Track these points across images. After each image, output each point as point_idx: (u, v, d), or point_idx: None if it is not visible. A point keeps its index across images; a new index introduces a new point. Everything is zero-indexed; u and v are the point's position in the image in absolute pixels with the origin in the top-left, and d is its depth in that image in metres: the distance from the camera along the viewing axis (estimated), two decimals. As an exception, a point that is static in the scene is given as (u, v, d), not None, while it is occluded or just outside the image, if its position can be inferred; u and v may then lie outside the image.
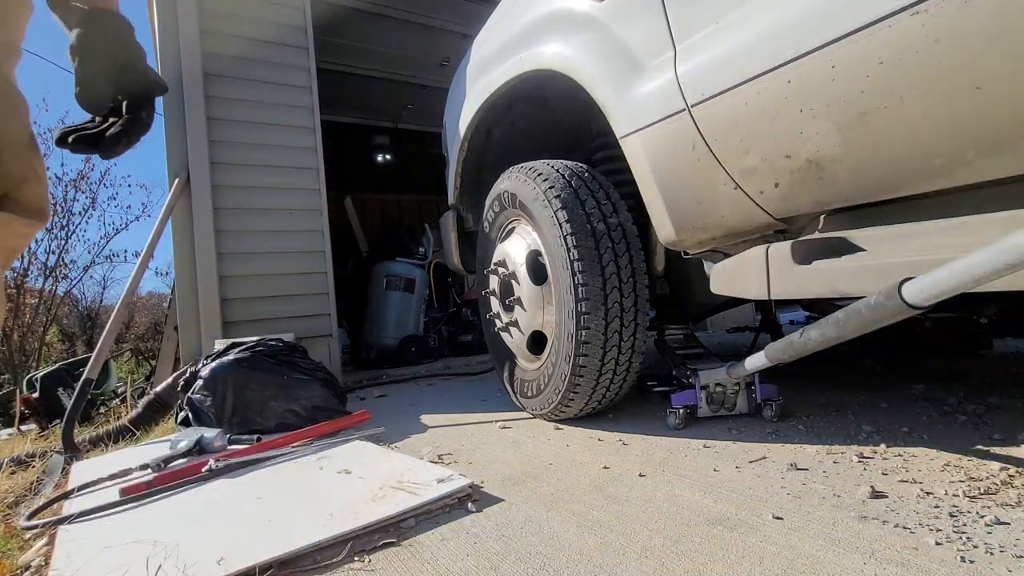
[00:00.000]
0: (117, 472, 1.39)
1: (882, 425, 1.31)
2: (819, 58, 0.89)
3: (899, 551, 0.73)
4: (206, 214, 2.62)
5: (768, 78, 0.97)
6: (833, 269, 0.98)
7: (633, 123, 1.28)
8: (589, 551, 0.81)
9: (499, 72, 1.78)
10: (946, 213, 0.90)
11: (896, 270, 0.87)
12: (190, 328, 2.60)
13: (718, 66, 1.06)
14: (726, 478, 1.06)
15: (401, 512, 0.96)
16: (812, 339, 1.01)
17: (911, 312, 0.80)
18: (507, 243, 1.76)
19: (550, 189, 1.49)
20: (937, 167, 0.87)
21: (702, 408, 1.48)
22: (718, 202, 1.17)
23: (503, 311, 1.78)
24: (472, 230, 2.28)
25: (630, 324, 1.45)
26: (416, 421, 1.83)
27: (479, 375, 2.88)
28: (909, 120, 0.84)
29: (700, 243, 1.29)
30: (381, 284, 3.93)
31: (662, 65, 1.19)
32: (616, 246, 1.44)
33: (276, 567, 0.82)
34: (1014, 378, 1.71)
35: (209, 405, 1.79)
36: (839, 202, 1.03)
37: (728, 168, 1.11)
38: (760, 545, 0.78)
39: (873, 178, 0.95)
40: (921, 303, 0.77)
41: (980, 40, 0.73)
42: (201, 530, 0.98)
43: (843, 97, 0.88)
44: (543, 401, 1.60)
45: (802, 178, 1.01)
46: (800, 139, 0.97)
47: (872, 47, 0.82)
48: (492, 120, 2.03)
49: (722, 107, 1.07)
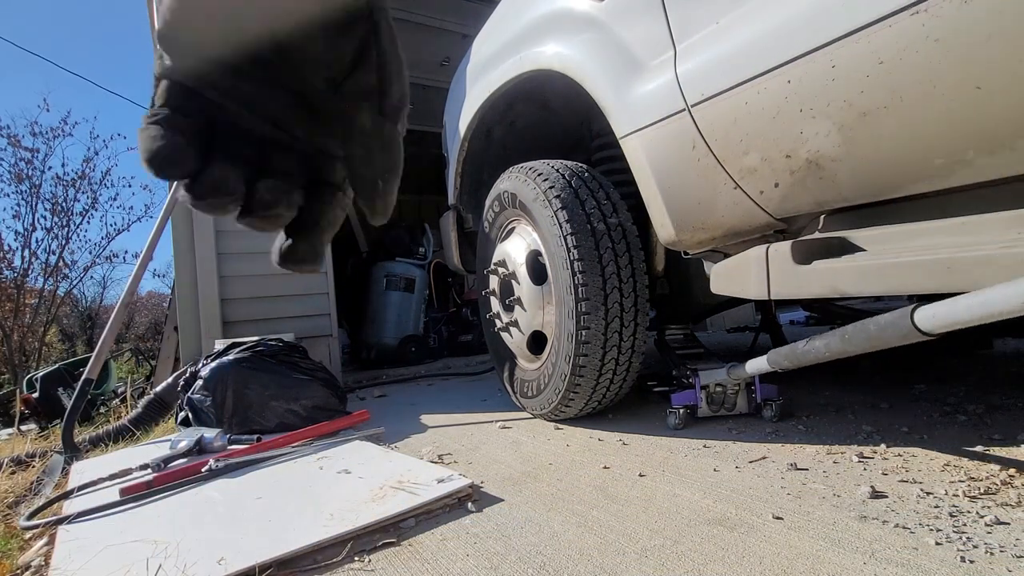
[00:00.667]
0: (117, 472, 1.39)
1: (882, 425, 1.31)
2: (819, 58, 0.89)
3: (899, 551, 0.73)
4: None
5: (768, 78, 0.97)
6: (833, 269, 0.98)
7: (633, 123, 1.28)
8: (589, 551, 0.81)
9: (499, 72, 1.78)
10: (946, 213, 0.90)
11: (896, 270, 0.88)
12: (190, 328, 2.60)
13: (718, 66, 1.06)
14: (726, 478, 1.06)
15: (401, 512, 0.96)
16: (816, 350, 1.01)
17: (920, 337, 0.80)
18: (507, 243, 1.76)
19: (550, 189, 1.49)
20: (937, 167, 0.87)
21: (702, 408, 1.48)
22: (718, 202, 1.17)
23: (503, 311, 1.78)
24: (472, 230, 2.28)
25: (630, 324, 1.45)
26: (416, 421, 1.83)
27: (479, 375, 2.88)
28: (909, 120, 0.84)
29: (700, 243, 1.30)
30: (381, 284, 3.93)
31: (662, 65, 1.19)
32: (616, 246, 1.44)
33: (276, 567, 0.82)
34: (1014, 378, 1.71)
35: (209, 405, 1.79)
36: (839, 202, 1.03)
37: (728, 168, 1.11)
38: (760, 545, 0.78)
39: (873, 178, 0.95)
40: (931, 330, 0.78)
41: (980, 40, 0.73)
42: (201, 530, 0.98)
43: (843, 97, 0.89)
44: (543, 401, 1.60)
45: (802, 178, 1.01)
46: (800, 139, 0.97)
47: (872, 47, 0.82)
48: (492, 120, 2.03)
49: (722, 107, 1.07)
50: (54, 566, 0.90)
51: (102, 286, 15.32)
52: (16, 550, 1.05)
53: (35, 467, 1.73)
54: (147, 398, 2.23)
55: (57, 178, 11.57)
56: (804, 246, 1.04)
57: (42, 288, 11.34)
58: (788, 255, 1.04)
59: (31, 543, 1.07)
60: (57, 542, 1.00)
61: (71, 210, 11.70)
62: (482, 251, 1.95)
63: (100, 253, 12.50)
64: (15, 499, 1.42)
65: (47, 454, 1.83)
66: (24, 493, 1.47)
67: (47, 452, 1.86)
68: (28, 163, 11.15)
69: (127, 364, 8.28)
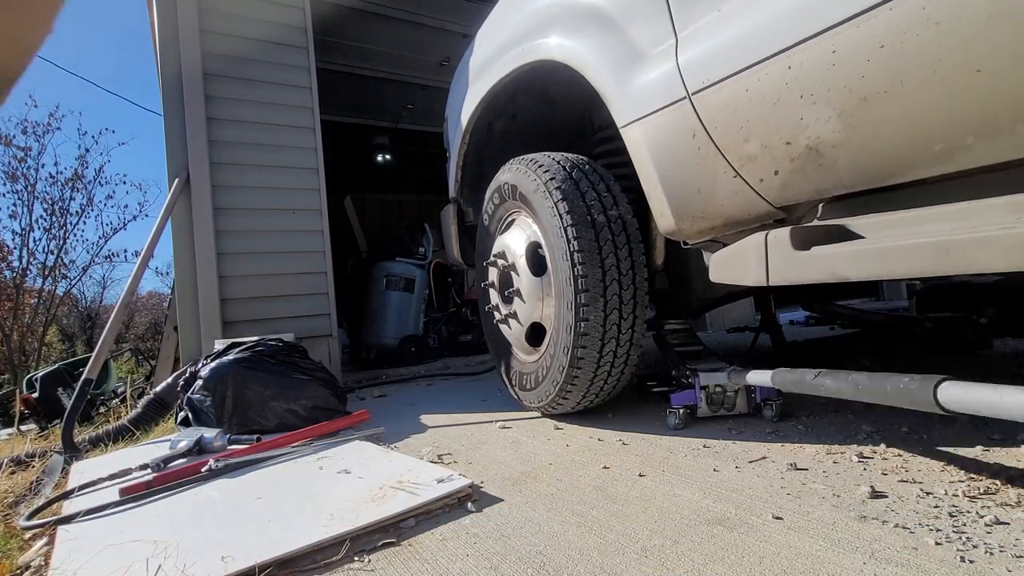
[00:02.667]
0: (117, 472, 1.39)
1: (882, 425, 1.31)
2: (820, 43, 0.89)
3: (899, 551, 0.73)
4: (206, 214, 2.61)
5: (769, 64, 0.97)
6: (832, 254, 0.98)
7: (634, 112, 1.28)
8: (589, 551, 0.81)
9: (501, 64, 1.78)
10: (945, 200, 0.90)
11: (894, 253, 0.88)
12: (190, 328, 2.60)
13: (719, 53, 1.06)
14: (726, 478, 1.06)
15: (401, 512, 0.96)
16: (824, 386, 1.04)
17: (935, 409, 0.82)
18: (507, 235, 1.77)
19: (551, 180, 1.50)
20: (937, 152, 0.86)
21: (702, 408, 1.48)
22: (718, 191, 1.17)
23: (502, 303, 1.78)
24: (472, 224, 2.29)
25: (629, 316, 1.45)
26: (416, 421, 1.83)
27: (479, 375, 2.88)
28: (909, 104, 0.84)
29: (700, 232, 1.29)
30: (381, 284, 3.94)
31: (663, 53, 1.19)
32: (616, 238, 1.44)
33: (276, 567, 0.82)
34: (1014, 378, 1.71)
35: (209, 405, 1.79)
36: (838, 189, 1.03)
37: (728, 156, 1.11)
38: (760, 545, 0.78)
39: (873, 164, 0.95)
40: (949, 406, 0.80)
41: (980, 22, 0.73)
42: (201, 530, 0.98)
43: (843, 82, 0.88)
44: (540, 393, 1.60)
45: (802, 165, 1.01)
46: (800, 125, 0.97)
47: (873, 31, 0.82)
48: (494, 113, 2.03)
49: (723, 94, 1.07)
50: (54, 566, 0.90)
51: (102, 286, 15.32)
52: (16, 550, 1.05)
53: (35, 467, 1.73)
54: (147, 398, 2.23)
55: (51, 177, 11.58)
56: (803, 232, 1.04)
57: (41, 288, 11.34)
58: (787, 241, 1.05)
59: (31, 543, 1.07)
60: (57, 542, 1.00)
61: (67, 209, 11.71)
62: (482, 244, 1.96)
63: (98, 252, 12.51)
64: (15, 499, 1.41)
65: (47, 454, 1.83)
66: (24, 493, 1.47)
67: (47, 452, 1.86)
68: (21, 161, 11.16)
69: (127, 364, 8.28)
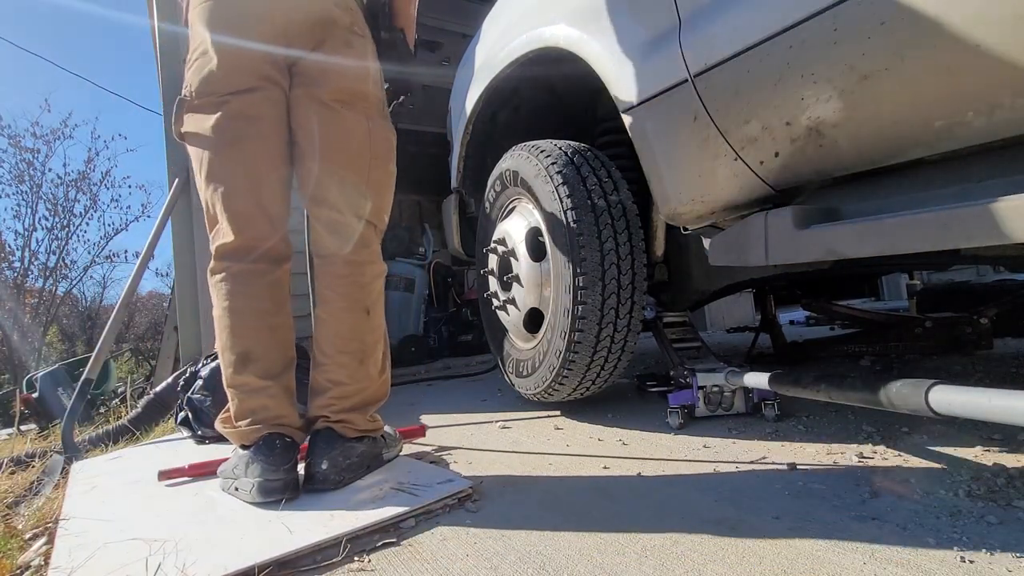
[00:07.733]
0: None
1: (882, 425, 1.31)
2: (822, 21, 0.89)
3: (899, 551, 0.73)
4: (206, 214, 2.61)
5: (771, 44, 0.97)
6: (830, 232, 0.98)
7: (636, 96, 1.28)
8: (589, 551, 0.81)
9: (505, 52, 1.79)
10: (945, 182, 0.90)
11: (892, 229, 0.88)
12: (190, 328, 2.60)
13: (721, 34, 1.06)
14: (726, 478, 1.06)
15: (401, 512, 0.96)
16: (819, 390, 1.05)
17: (927, 413, 0.83)
18: (507, 222, 1.78)
19: (552, 165, 1.50)
20: (937, 130, 0.86)
21: (700, 408, 1.48)
22: (719, 174, 1.17)
23: (501, 289, 1.79)
24: (474, 215, 2.30)
25: (627, 301, 1.45)
26: (416, 421, 1.83)
27: (479, 375, 2.88)
28: (909, 81, 0.84)
29: (699, 217, 1.29)
30: (381, 284, 3.93)
31: (665, 36, 1.19)
32: (616, 223, 1.45)
33: (276, 567, 0.82)
34: (1014, 378, 1.71)
35: (209, 405, 1.79)
36: (838, 170, 1.03)
37: (729, 139, 1.11)
38: (760, 545, 0.78)
39: (873, 144, 0.95)
40: (939, 409, 0.80)
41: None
42: (201, 529, 0.98)
43: (844, 60, 0.88)
44: (537, 380, 1.60)
45: (802, 146, 1.01)
46: (801, 106, 0.97)
47: (874, 6, 0.82)
48: (498, 103, 2.04)
49: (725, 76, 1.07)
50: (54, 565, 0.90)
51: (102, 286, 15.32)
52: (16, 550, 1.05)
53: (35, 467, 1.73)
54: (147, 398, 2.23)
55: (58, 178, 11.60)
56: (803, 212, 1.05)
57: (42, 288, 11.34)
58: (787, 220, 1.05)
59: (31, 542, 1.07)
60: (57, 541, 1.00)
61: (71, 211, 11.72)
62: (482, 231, 1.97)
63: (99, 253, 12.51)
64: (15, 499, 1.41)
65: (47, 454, 1.83)
66: (24, 493, 1.46)
67: (47, 452, 1.86)
68: (28, 164, 11.18)
69: (127, 364, 8.28)
